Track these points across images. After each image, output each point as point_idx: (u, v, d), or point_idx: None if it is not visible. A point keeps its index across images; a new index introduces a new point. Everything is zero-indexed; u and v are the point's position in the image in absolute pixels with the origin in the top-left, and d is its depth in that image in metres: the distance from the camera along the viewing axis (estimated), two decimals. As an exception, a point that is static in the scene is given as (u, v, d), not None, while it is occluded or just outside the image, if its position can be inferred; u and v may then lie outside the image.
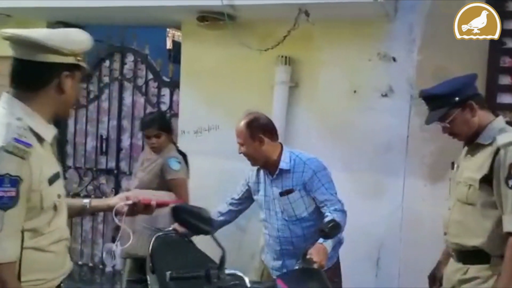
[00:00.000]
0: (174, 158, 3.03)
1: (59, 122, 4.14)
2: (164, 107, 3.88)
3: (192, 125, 3.63)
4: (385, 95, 3.12)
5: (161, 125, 3.08)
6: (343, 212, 2.25)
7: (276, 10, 3.03)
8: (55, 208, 1.45)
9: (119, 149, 4.05)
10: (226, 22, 3.11)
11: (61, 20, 3.84)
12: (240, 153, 2.35)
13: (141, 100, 3.96)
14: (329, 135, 3.26)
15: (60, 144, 4.19)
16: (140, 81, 3.95)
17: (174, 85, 3.80)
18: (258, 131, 2.27)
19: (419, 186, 3.06)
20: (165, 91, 3.87)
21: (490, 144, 1.84)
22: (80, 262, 4.12)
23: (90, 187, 4.15)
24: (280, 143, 2.38)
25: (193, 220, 1.66)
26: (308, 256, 1.92)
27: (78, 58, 1.49)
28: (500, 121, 1.93)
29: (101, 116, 4.10)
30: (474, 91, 1.93)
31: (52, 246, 1.45)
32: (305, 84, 3.32)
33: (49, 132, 1.48)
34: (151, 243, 2.38)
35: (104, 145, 4.07)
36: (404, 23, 3.08)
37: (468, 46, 2.78)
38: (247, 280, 1.71)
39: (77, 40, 1.50)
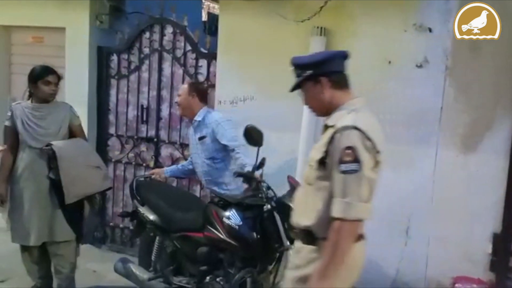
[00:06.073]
0: (71, 106, 3.27)
1: (101, 92, 4.39)
2: (201, 78, 3.99)
3: (228, 95, 3.73)
4: (420, 66, 3.11)
5: (58, 74, 3.18)
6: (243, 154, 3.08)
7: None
8: None
9: (159, 118, 4.21)
10: (263, -7, 3.16)
11: (103, -7, 4.00)
12: (175, 102, 3.44)
13: (179, 71, 4.08)
14: (363, 106, 3.29)
15: (103, 113, 4.42)
16: (179, 52, 4.06)
17: (211, 57, 3.89)
18: (193, 91, 3.26)
19: (451, 157, 3.08)
20: (203, 62, 3.97)
21: (333, 126, 1.76)
22: (121, 225, 4.38)
23: (131, 155, 4.35)
24: (206, 106, 3.32)
25: (257, 135, 2.69)
26: None
27: None
28: (354, 103, 1.82)
29: (141, 86, 4.25)
30: (333, 68, 1.84)
31: None
32: (339, 55, 3.34)
33: None
34: (134, 184, 3.29)
35: (144, 114, 4.22)
36: (441, -8, 3.05)
37: (504, 16, 2.74)
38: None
39: None
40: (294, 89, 1.92)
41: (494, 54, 2.91)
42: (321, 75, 1.82)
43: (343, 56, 1.91)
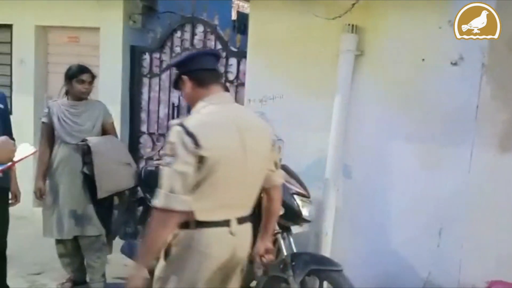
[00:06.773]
0: (105, 104, 3.35)
1: (133, 90, 4.47)
2: (231, 77, 4.02)
3: (257, 93, 3.72)
4: (455, 64, 3.03)
5: (92, 72, 3.25)
6: None
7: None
8: None
9: (189, 116, 4.26)
10: (294, -9, 3.14)
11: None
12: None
13: (209, 69, 4.11)
14: (395, 104, 3.23)
15: (135, 111, 4.50)
16: (209, 51, 4.10)
17: (241, 55, 3.91)
18: None
19: (488, 157, 2.98)
20: (233, 61, 4.00)
21: None
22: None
23: (162, 152, 4.42)
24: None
25: None
26: None
27: None
28: (210, 99, 1.88)
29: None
30: (194, 67, 1.91)
31: None
32: (371, 53, 3.29)
33: None
34: (143, 173, 3.32)
35: (175, 112, 4.29)
36: (478, -12, 2.96)
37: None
38: None
39: None
40: (174, 87, 2.07)
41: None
42: (183, 74, 1.93)
43: (208, 54, 2.04)
